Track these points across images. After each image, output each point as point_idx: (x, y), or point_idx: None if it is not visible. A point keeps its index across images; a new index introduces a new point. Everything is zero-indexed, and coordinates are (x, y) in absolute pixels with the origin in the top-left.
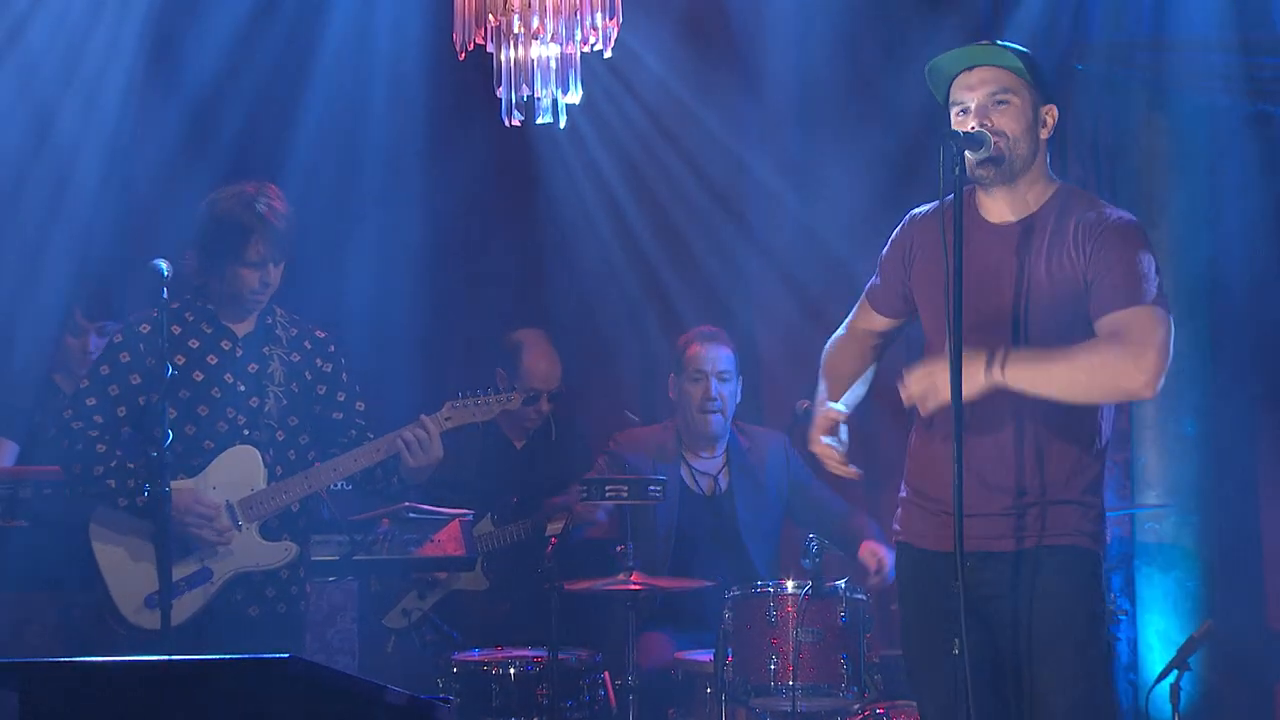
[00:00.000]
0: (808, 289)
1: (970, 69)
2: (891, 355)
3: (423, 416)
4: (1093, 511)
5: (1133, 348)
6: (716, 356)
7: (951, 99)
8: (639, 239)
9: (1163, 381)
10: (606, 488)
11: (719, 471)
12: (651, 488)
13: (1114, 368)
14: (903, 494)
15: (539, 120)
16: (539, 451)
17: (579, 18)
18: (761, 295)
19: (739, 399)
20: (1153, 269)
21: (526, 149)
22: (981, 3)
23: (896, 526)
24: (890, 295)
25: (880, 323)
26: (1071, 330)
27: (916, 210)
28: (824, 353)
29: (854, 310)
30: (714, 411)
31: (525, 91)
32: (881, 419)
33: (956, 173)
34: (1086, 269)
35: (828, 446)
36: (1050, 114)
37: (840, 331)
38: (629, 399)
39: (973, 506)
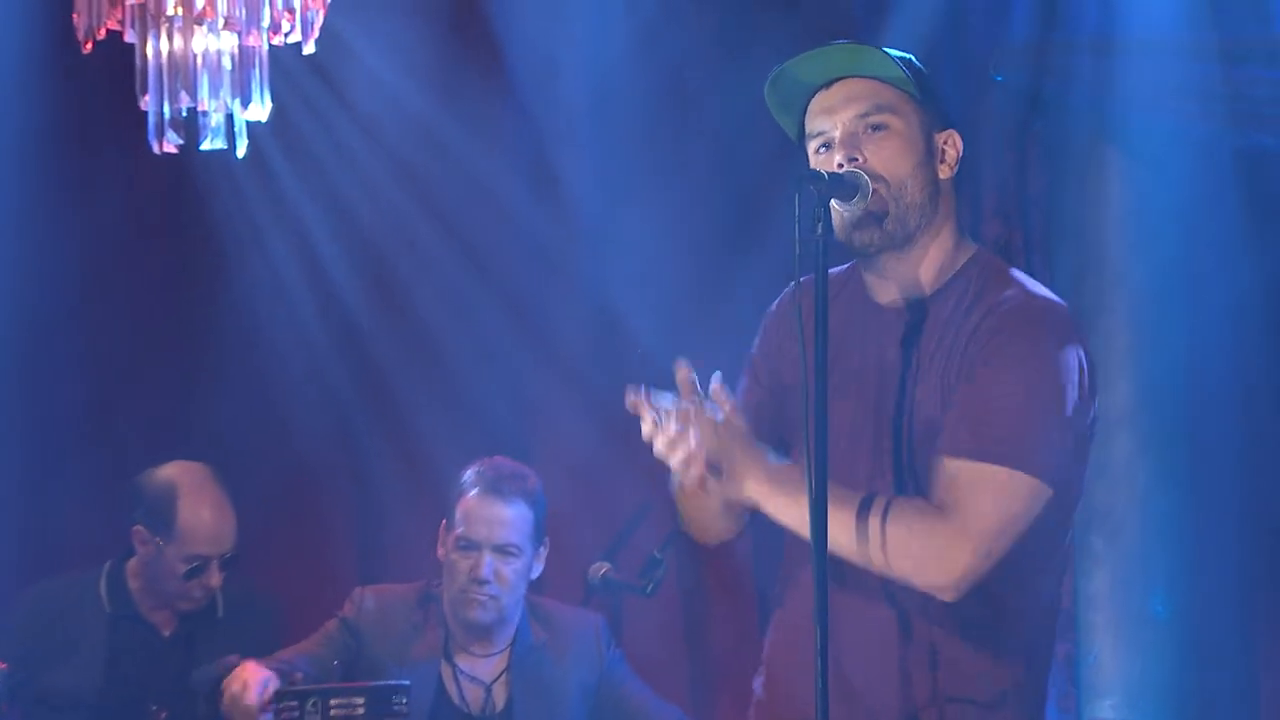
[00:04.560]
0: (606, 400)
1: (829, 84)
2: None
3: None
4: None
5: (947, 530)
6: (498, 518)
7: (807, 129)
8: (357, 322)
9: (974, 579)
10: (332, 701)
11: (495, 679)
12: (395, 697)
13: (916, 554)
14: (754, 694)
15: (205, 145)
16: (199, 638)
17: None
18: (539, 407)
19: (537, 575)
20: (1051, 387)
21: (185, 188)
22: None
23: None
24: (770, 407)
25: None
26: None
27: (806, 278)
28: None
29: None
30: (483, 599)
31: (185, 103)
32: (717, 596)
33: (819, 233)
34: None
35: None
36: (951, 142)
37: None
38: (342, 556)
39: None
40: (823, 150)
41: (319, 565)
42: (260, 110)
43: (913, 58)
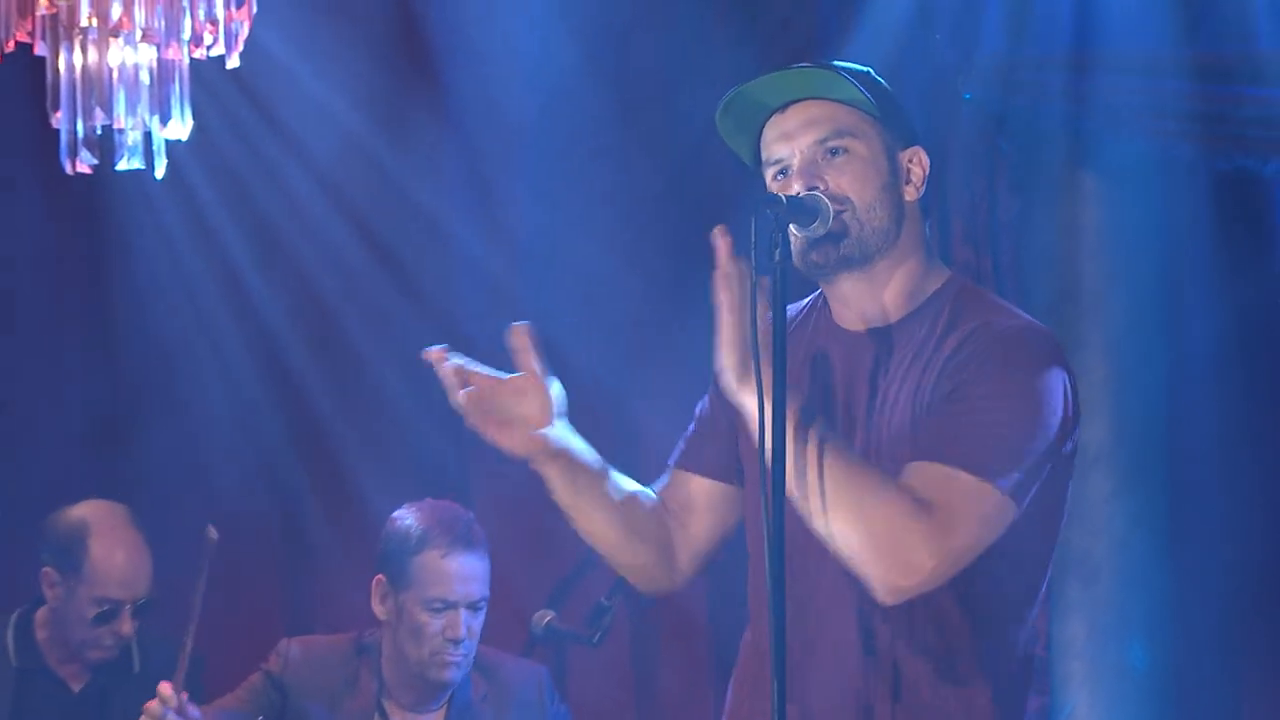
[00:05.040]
0: None
1: (785, 108)
2: None
3: None
4: None
5: (924, 528)
6: (471, 574)
7: (763, 155)
8: (284, 354)
9: (929, 588)
10: None
11: None
12: None
13: (884, 538)
14: None
15: (121, 166)
16: (112, 694)
17: (186, 4)
18: (479, 443)
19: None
20: (1035, 411)
21: (101, 211)
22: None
23: None
24: (712, 445)
25: (699, 488)
26: None
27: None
28: None
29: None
30: (458, 659)
31: (100, 120)
32: (668, 647)
33: (778, 259)
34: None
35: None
36: (917, 160)
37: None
38: (267, 605)
39: None
40: (780, 177)
41: (242, 615)
42: (180, 128)
43: (871, 71)
